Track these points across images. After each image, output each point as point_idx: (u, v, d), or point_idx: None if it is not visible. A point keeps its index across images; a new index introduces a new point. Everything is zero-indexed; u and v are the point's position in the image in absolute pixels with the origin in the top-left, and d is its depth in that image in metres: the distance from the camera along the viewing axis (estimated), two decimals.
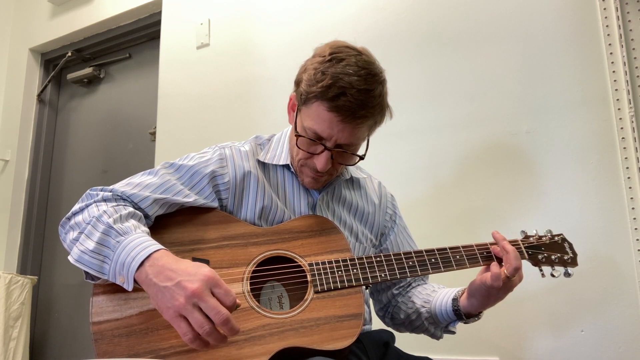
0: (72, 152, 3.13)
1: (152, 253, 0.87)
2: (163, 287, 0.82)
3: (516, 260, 1.04)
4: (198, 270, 0.83)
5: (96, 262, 0.90)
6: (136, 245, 0.88)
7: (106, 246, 0.90)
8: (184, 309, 0.80)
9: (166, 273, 0.84)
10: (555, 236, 1.16)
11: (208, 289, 0.81)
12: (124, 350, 0.90)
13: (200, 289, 0.80)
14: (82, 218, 0.97)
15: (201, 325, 0.80)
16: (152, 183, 1.04)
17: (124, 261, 0.87)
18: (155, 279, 0.84)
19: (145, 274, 0.85)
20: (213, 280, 0.82)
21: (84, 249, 0.91)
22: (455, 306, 1.12)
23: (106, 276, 0.90)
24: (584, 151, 1.62)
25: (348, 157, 1.09)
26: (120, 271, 0.88)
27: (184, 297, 0.80)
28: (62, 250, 2.99)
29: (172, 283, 0.82)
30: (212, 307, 0.80)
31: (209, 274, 0.83)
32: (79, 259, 0.91)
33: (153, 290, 0.84)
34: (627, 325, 1.50)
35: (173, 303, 0.81)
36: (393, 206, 1.31)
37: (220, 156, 1.13)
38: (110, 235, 0.90)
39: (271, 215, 1.12)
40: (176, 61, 2.58)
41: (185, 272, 0.83)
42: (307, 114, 1.06)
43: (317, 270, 1.03)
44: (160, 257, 0.86)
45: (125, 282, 0.88)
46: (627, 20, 1.62)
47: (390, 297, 1.26)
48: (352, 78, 0.99)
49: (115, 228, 0.91)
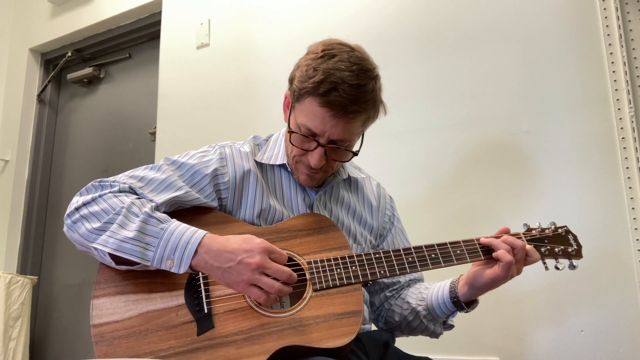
0: (72, 152, 3.13)
1: (202, 239, 0.94)
2: (227, 268, 0.92)
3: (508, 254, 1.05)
4: (251, 243, 0.93)
5: (139, 249, 0.93)
6: (183, 231, 0.95)
7: (148, 234, 0.94)
8: (253, 279, 0.91)
9: (225, 255, 0.93)
10: (559, 228, 1.15)
11: (267, 256, 0.92)
12: (124, 352, 0.90)
13: (262, 260, 0.91)
14: (102, 208, 0.97)
15: (272, 286, 0.91)
16: (155, 178, 1.05)
17: (175, 247, 0.93)
18: (216, 263, 0.93)
19: (204, 260, 0.93)
20: (267, 249, 0.93)
21: (122, 238, 0.93)
22: (453, 297, 1.12)
23: (149, 262, 0.93)
24: (584, 151, 1.62)
25: (342, 153, 1.09)
26: (169, 256, 0.93)
27: (250, 271, 0.91)
28: (62, 250, 2.99)
29: (234, 263, 0.92)
30: (276, 270, 0.92)
31: (262, 244, 0.93)
32: (119, 247, 0.93)
33: (217, 272, 0.93)
34: (627, 325, 1.50)
35: (242, 278, 0.91)
36: (392, 208, 1.31)
37: (221, 155, 1.14)
38: (150, 224, 0.95)
39: (269, 216, 1.12)
40: (176, 61, 2.58)
41: (241, 249, 0.93)
42: (300, 110, 1.06)
43: (316, 269, 1.03)
44: (211, 242, 0.95)
45: (175, 266, 0.93)
46: (627, 20, 1.62)
47: (383, 300, 1.25)
48: (344, 73, 1.00)
49: (154, 216, 0.96)
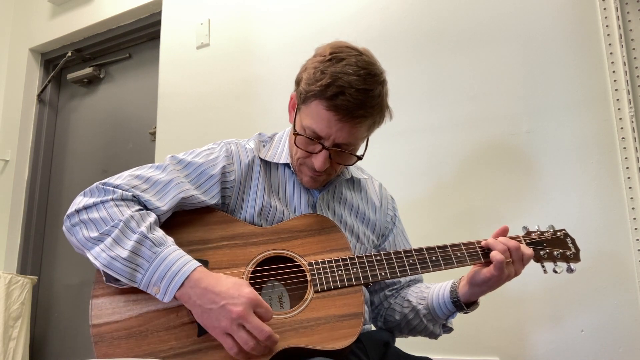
0: (72, 152, 3.12)
1: (191, 272, 0.91)
2: (208, 309, 0.89)
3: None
4: (240, 291, 0.90)
5: (128, 270, 0.91)
6: (175, 259, 0.92)
7: (141, 256, 0.92)
8: (230, 329, 0.88)
9: (209, 296, 0.89)
10: (558, 231, 1.15)
11: (251, 309, 0.88)
12: (123, 352, 0.90)
13: (244, 312, 0.87)
14: (101, 216, 0.96)
15: (246, 342, 0.87)
16: (160, 180, 1.04)
17: (163, 276, 0.91)
18: (199, 301, 0.89)
19: (188, 295, 0.90)
20: (255, 302, 0.89)
21: (114, 256, 0.92)
22: (454, 297, 1.12)
23: (136, 284, 0.92)
24: (584, 151, 1.62)
25: (346, 157, 1.09)
26: (156, 283, 0.91)
27: (229, 320, 0.87)
28: (62, 250, 2.98)
29: (217, 306, 0.88)
30: (255, 327, 0.87)
31: (250, 295, 0.89)
32: (109, 265, 0.92)
33: (198, 310, 0.90)
34: (627, 325, 1.50)
35: (219, 324, 0.88)
36: (393, 208, 1.31)
37: (227, 152, 1.13)
38: (144, 245, 0.93)
39: (270, 214, 1.12)
40: (176, 61, 2.58)
41: (227, 294, 0.89)
42: (306, 112, 1.06)
43: (317, 270, 1.03)
44: (200, 277, 0.91)
45: (160, 294, 0.91)
46: (627, 20, 1.62)
47: (383, 299, 1.25)
48: (352, 77, 0.99)
49: (150, 238, 0.94)
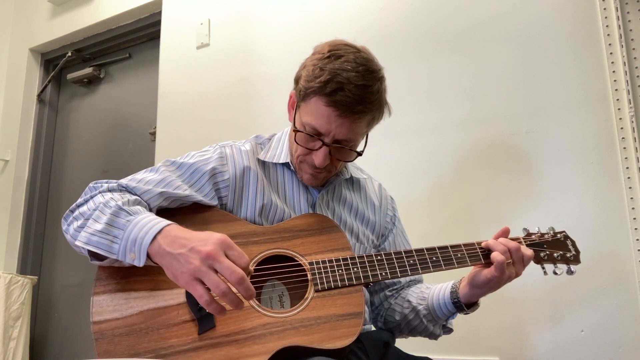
0: (72, 152, 3.12)
1: (164, 227, 0.89)
2: (177, 254, 0.84)
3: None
4: (210, 236, 0.85)
5: (105, 242, 0.91)
6: (148, 222, 0.90)
7: (115, 226, 0.91)
8: (199, 271, 0.81)
9: (179, 241, 0.85)
10: (558, 233, 1.16)
11: (222, 250, 0.83)
12: (124, 350, 0.90)
13: (214, 250, 0.82)
14: (87, 207, 0.98)
15: (217, 285, 0.81)
16: (153, 179, 1.06)
17: (135, 237, 0.89)
18: (168, 248, 0.85)
19: (158, 245, 0.87)
20: (226, 243, 0.84)
21: (92, 231, 0.92)
22: (454, 298, 1.12)
23: (115, 255, 0.91)
24: (584, 151, 1.62)
25: (346, 153, 1.10)
26: (131, 248, 0.89)
27: (198, 260, 0.82)
28: (62, 250, 2.99)
29: (186, 249, 0.84)
30: (226, 267, 0.81)
31: (221, 237, 0.85)
32: (88, 241, 0.92)
33: (167, 259, 0.86)
34: (627, 325, 1.50)
35: (188, 267, 0.82)
36: (393, 209, 1.31)
37: (221, 154, 1.14)
38: (119, 216, 0.92)
39: (271, 213, 1.12)
40: (176, 61, 2.58)
41: (198, 238, 0.85)
42: (305, 109, 1.06)
43: (318, 269, 1.03)
44: (172, 229, 0.89)
45: (136, 259, 0.89)
46: (627, 20, 1.63)
47: (383, 299, 1.25)
48: (350, 74, 1.00)
49: (124, 209, 0.93)
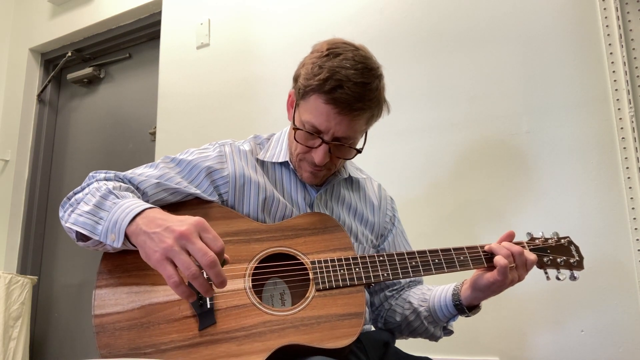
0: (72, 152, 3.12)
1: (145, 209, 0.88)
2: (152, 233, 0.82)
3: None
4: (188, 217, 0.83)
5: (90, 223, 0.91)
6: (131, 204, 0.90)
7: (102, 208, 0.92)
8: (171, 250, 0.79)
9: (156, 221, 0.84)
10: (562, 239, 1.15)
11: (197, 232, 0.81)
12: (124, 343, 0.90)
13: (188, 230, 0.80)
14: (83, 194, 1.00)
15: (188, 266, 0.78)
16: (152, 174, 1.07)
17: (117, 218, 0.88)
18: (144, 228, 0.84)
19: (136, 225, 0.86)
20: (202, 225, 0.82)
21: (80, 212, 0.94)
22: (456, 300, 1.12)
23: (97, 236, 0.91)
24: (584, 151, 1.62)
25: (346, 150, 1.10)
26: (112, 229, 0.88)
27: (172, 239, 0.80)
28: (62, 250, 2.98)
29: (161, 228, 0.82)
30: (199, 249, 0.79)
31: (198, 219, 0.83)
32: (75, 221, 0.93)
33: (142, 238, 0.84)
34: (627, 325, 1.50)
35: (160, 246, 0.80)
36: (392, 209, 1.31)
37: (220, 153, 1.15)
38: (107, 199, 0.93)
39: (274, 207, 1.12)
40: (176, 61, 2.58)
41: (175, 218, 0.84)
42: (305, 107, 1.07)
43: (320, 268, 1.03)
44: (152, 211, 0.88)
45: (115, 240, 0.88)
46: (627, 20, 1.63)
47: (383, 300, 1.25)
48: (349, 71, 1.00)
49: (114, 192, 0.95)
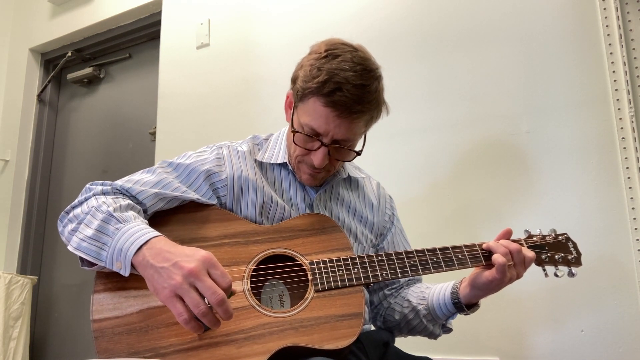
0: (72, 152, 3.12)
1: (150, 238, 0.88)
2: (160, 268, 0.83)
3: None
4: (195, 252, 0.84)
5: (94, 249, 0.90)
6: (135, 232, 0.89)
7: (105, 233, 0.91)
8: (180, 288, 0.80)
9: (164, 255, 0.84)
10: (559, 235, 1.15)
11: (205, 269, 0.82)
12: (124, 348, 0.90)
13: (197, 268, 0.81)
14: (81, 210, 0.98)
15: (197, 304, 0.80)
16: (150, 180, 1.06)
17: (122, 247, 0.88)
18: (152, 261, 0.84)
19: (143, 256, 0.85)
20: (210, 261, 0.83)
21: (82, 237, 0.92)
22: (455, 298, 1.12)
23: (103, 263, 0.90)
24: (584, 151, 1.62)
25: (345, 152, 1.10)
26: (117, 257, 0.88)
27: (180, 276, 0.80)
28: (62, 250, 2.98)
29: (169, 263, 0.82)
30: (208, 287, 0.80)
31: (206, 255, 0.84)
32: (78, 246, 0.92)
33: (150, 271, 0.84)
34: (627, 325, 1.50)
35: (169, 282, 0.81)
36: (392, 208, 1.31)
37: (218, 155, 1.14)
38: (109, 223, 0.91)
39: (272, 211, 1.12)
40: (176, 61, 2.58)
41: (182, 253, 0.84)
42: (303, 110, 1.06)
43: (318, 269, 1.03)
44: (158, 241, 0.88)
45: (122, 268, 0.88)
46: (627, 20, 1.63)
47: (382, 298, 1.25)
48: (348, 73, 1.00)
49: (115, 216, 0.92)
